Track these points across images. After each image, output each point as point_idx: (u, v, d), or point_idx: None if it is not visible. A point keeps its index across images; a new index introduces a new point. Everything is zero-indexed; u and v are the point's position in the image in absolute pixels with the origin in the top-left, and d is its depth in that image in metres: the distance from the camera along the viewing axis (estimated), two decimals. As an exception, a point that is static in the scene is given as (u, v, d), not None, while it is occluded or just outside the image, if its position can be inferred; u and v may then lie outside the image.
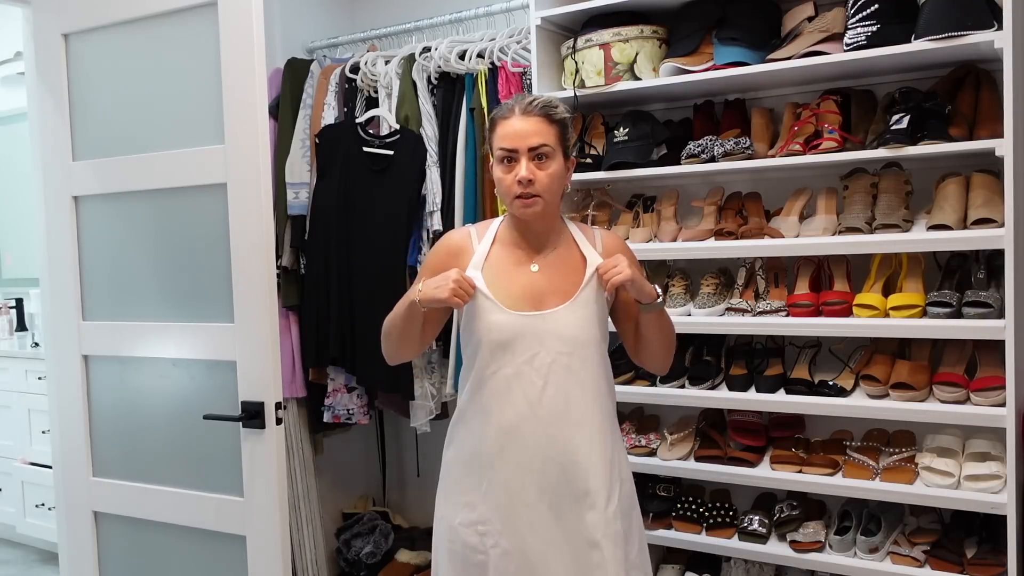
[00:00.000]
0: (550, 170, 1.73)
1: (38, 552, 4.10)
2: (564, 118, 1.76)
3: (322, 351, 2.94)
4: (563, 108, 1.77)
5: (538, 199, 1.73)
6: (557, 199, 1.78)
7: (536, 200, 1.73)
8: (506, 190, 1.75)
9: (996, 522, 2.08)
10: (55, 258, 2.46)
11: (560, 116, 1.75)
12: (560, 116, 1.75)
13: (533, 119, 1.72)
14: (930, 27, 2.03)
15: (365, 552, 3.12)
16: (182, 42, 2.21)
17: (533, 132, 1.72)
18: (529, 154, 1.72)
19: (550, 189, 1.74)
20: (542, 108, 1.73)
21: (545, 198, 1.74)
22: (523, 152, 1.71)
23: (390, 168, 2.85)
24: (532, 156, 1.72)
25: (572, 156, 1.79)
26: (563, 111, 1.77)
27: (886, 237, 2.15)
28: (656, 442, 2.53)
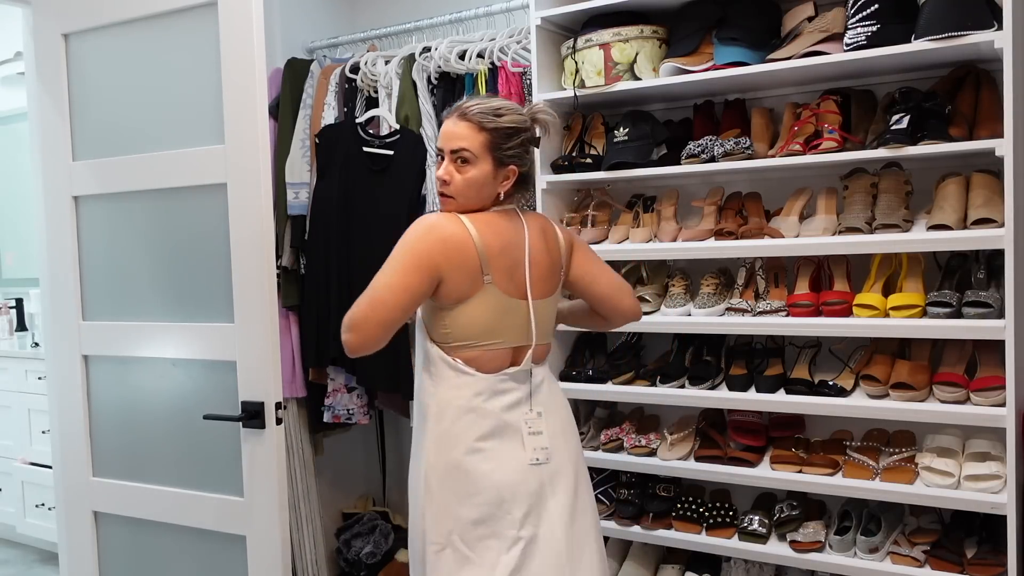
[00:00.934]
0: (468, 175, 1.76)
1: (38, 552, 4.10)
2: (500, 127, 1.75)
3: (322, 351, 2.94)
4: (509, 118, 1.77)
5: (451, 200, 1.80)
6: (473, 202, 1.79)
7: (448, 200, 1.81)
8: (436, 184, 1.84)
9: (996, 522, 2.08)
10: (55, 258, 2.46)
11: (494, 125, 1.75)
12: (494, 125, 1.75)
13: (464, 124, 1.77)
14: (930, 27, 2.03)
15: (365, 552, 3.12)
16: (182, 42, 2.21)
17: (459, 136, 1.76)
18: (451, 156, 1.78)
19: (464, 192, 1.78)
20: (476, 114, 1.76)
21: (458, 200, 1.79)
22: (447, 153, 1.79)
23: (390, 168, 2.85)
24: (453, 158, 1.77)
25: (511, 166, 1.78)
26: (503, 121, 1.76)
27: (886, 237, 2.15)
28: (656, 442, 2.53)
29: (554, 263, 1.86)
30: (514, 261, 1.79)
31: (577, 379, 2.60)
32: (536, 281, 1.81)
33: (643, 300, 2.49)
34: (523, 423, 1.79)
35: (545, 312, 1.85)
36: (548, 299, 1.87)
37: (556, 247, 1.87)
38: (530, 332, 1.80)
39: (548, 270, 1.85)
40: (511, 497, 1.74)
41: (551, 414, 1.85)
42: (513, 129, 1.77)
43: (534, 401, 1.82)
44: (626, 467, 2.53)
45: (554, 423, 1.84)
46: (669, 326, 2.47)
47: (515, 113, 1.79)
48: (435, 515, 1.76)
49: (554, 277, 1.87)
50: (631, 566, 2.58)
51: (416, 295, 1.71)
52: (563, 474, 1.82)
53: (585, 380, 2.59)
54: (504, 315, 1.78)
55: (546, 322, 1.87)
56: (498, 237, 1.77)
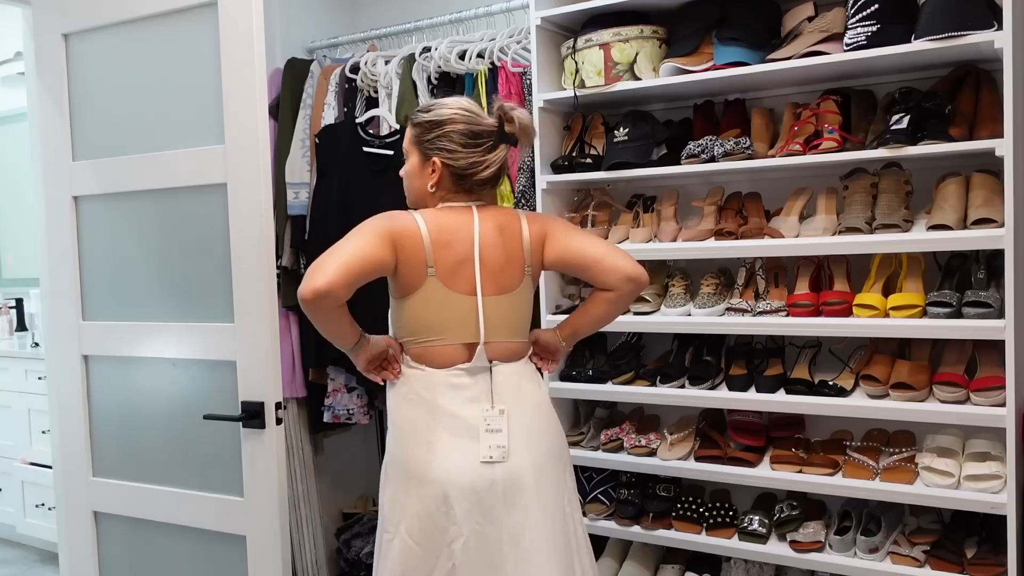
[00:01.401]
0: (404, 168, 1.88)
1: (38, 552, 4.10)
2: (421, 120, 1.81)
3: (322, 351, 2.94)
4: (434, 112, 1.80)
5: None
6: (414, 194, 1.88)
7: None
8: None
9: (996, 522, 2.08)
10: (55, 258, 2.46)
11: (417, 120, 1.82)
12: (417, 120, 1.82)
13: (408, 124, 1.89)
14: (930, 27, 2.03)
15: (365, 552, 3.11)
16: (182, 42, 2.21)
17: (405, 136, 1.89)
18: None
19: (405, 185, 1.90)
20: (413, 113, 1.87)
21: (406, 194, 1.91)
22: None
23: (390, 168, 2.84)
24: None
25: (434, 158, 1.79)
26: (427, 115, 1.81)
27: (886, 237, 2.15)
28: (656, 442, 2.53)
29: (513, 258, 1.80)
30: (461, 257, 1.77)
31: (577, 379, 2.60)
32: (489, 277, 1.78)
33: (643, 300, 2.50)
34: (482, 419, 1.75)
35: (503, 309, 1.80)
36: (508, 295, 1.80)
37: (517, 242, 1.81)
38: (477, 328, 1.77)
39: (504, 266, 1.79)
40: (456, 493, 1.72)
41: (518, 414, 1.78)
42: (433, 122, 1.79)
43: (496, 398, 1.77)
44: (626, 467, 2.53)
45: (519, 423, 1.78)
46: (669, 326, 2.47)
47: (446, 108, 1.80)
48: (390, 504, 1.78)
49: (513, 273, 1.81)
50: (631, 566, 2.58)
51: (374, 254, 1.71)
52: (521, 479, 1.75)
53: (585, 380, 2.59)
54: (447, 310, 1.76)
55: (505, 319, 1.80)
56: (444, 232, 1.76)
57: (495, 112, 1.81)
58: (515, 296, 1.82)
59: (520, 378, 1.83)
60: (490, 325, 1.78)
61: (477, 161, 1.78)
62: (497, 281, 1.79)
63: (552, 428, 1.86)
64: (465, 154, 1.77)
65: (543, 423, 1.83)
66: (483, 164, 1.79)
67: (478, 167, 1.79)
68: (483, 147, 1.79)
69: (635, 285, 1.83)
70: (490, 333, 1.78)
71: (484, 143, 1.79)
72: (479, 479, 1.72)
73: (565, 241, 1.84)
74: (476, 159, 1.78)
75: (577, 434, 2.67)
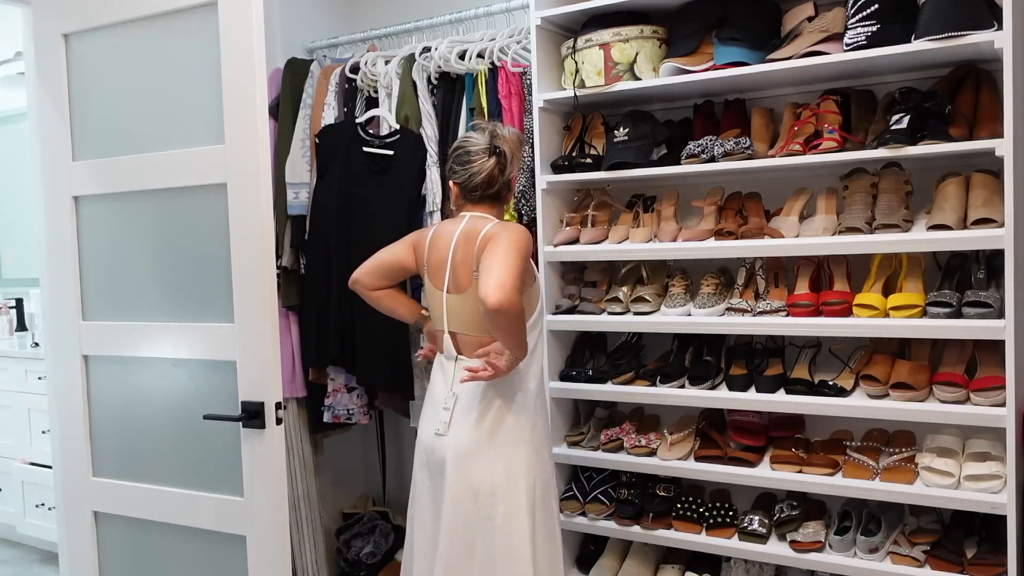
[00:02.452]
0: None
1: (38, 552, 4.10)
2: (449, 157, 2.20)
3: (322, 351, 2.94)
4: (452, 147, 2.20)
5: None
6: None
7: None
8: None
9: (996, 522, 2.08)
10: (55, 258, 2.46)
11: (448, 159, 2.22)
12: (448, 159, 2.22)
13: None
14: (930, 27, 2.03)
15: (365, 552, 3.12)
16: (182, 42, 2.21)
17: None
18: None
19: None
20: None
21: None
22: None
23: (390, 168, 2.85)
24: None
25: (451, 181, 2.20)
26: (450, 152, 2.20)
27: (886, 237, 2.15)
28: (656, 442, 2.53)
29: (467, 261, 2.09)
30: (442, 257, 2.13)
31: (577, 379, 2.60)
32: (453, 277, 2.11)
33: (643, 300, 2.50)
34: (441, 399, 2.13)
35: (458, 305, 2.11)
36: (462, 294, 2.10)
37: (471, 247, 2.07)
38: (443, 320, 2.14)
39: (461, 267, 2.10)
40: (420, 450, 2.19)
41: (467, 403, 2.09)
42: (449, 153, 2.21)
43: (454, 384, 2.11)
44: (626, 467, 2.53)
45: (463, 410, 2.09)
46: (669, 326, 2.48)
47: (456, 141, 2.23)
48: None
49: (467, 274, 2.09)
50: (631, 566, 2.58)
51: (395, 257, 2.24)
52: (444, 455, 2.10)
53: (585, 380, 2.59)
54: (433, 303, 2.17)
55: (463, 315, 2.10)
56: (438, 238, 2.17)
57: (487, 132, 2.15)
58: (467, 295, 2.08)
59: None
60: (451, 318, 2.13)
61: (472, 173, 2.13)
62: (456, 281, 2.11)
63: (485, 421, 2.07)
64: (463, 171, 2.14)
65: (478, 413, 2.08)
66: (475, 174, 2.12)
67: (472, 177, 2.13)
68: (477, 162, 2.12)
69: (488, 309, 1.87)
70: (452, 325, 2.13)
71: (478, 158, 2.12)
72: (428, 445, 2.15)
73: (485, 254, 1.99)
74: (472, 171, 2.13)
75: (577, 434, 2.67)
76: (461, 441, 2.08)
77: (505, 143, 2.14)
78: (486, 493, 2.05)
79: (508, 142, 2.15)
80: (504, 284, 1.86)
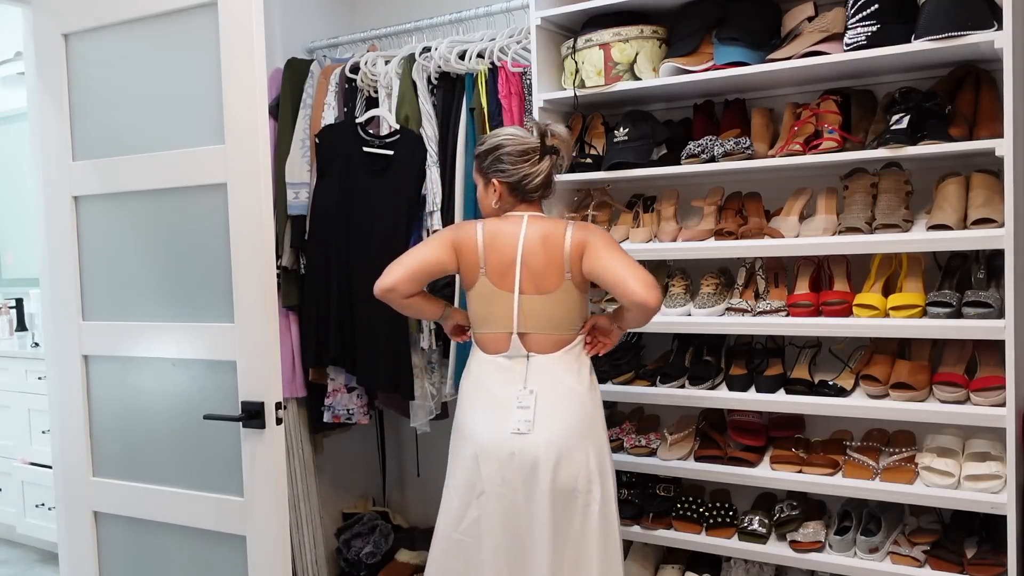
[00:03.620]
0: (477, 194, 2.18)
1: (38, 552, 4.10)
2: (480, 152, 2.12)
3: (322, 351, 2.94)
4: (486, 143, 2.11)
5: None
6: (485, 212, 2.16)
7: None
8: None
9: (996, 522, 2.08)
10: (55, 258, 2.46)
11: (477, 152, 2.14)
12: (477, 152, 2.14)
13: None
14: (930, 27, 2.03)
15: (365, 552, 3.12)
16: (182, 42, 2.21)
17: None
18: None
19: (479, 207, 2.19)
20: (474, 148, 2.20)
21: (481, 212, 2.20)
22: None
23: (390, 168, 2.85)
24: None
25: (493, 179, 2.10)
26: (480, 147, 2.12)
27: (886, 237, 2.15)
28: (656, 442, 2.53)
29: (553, 263, 2.03)
30: (506, 259, 2.05)
31: (577, 379, 2.59)
32: (529, 278, 2.03)
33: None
34: (514, 397, 2.03)
35: (540, 307, 2.04)
36: (546, 295, 2.04)
37: (558, 250, 2.03)
38: (512, 321, 2.04)
39: (543, 269, 2.04)
40: (483, 455, 2.04)
41: (546, 397, 2.02)
42: (487, 150, 2.10)
43: (529, 381, 2.04)
44: (626, 467, 2.53)
45: (544, 405, 2.02)
46: (669, 326, 2.47)
47: (495, 138, 2.11)
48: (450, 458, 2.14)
49: (552, 277, 2.04)
50: (631, 566, 2.58)
51: (434, 258, 2.07)
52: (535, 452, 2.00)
53: (585, 380, 2.58)
54: (494, 305, 2.06)
55: (539, 315, 2.05)
56: (496, 238, 2.07)
57: (536, 131, 2.09)
58: (554, 296, 2.04)
59: (557, 366, 2.06)
60: (527, 319, 2.04)
61: (528, 173, 2.06)
62: (537, 282, 2.04)
63: (577, 412, 2.05)
64: (515, 170, 2.06)
65: (567, 407, 2.04)
66: (533, 175, 2.07)
67: (528, 178, 2.07)
68: (530, 161, 2.06)
69: (643, 311, 1.98)
70: (527, 326, 2.04)
71: (530, 158, 2.06)
72: (501, 448, 2.02)
73: (596, 258, 2.02)
74: (526, 172, 2.06)
75: (577, 434, 2.66)
76: (556, 436, 2.00)
77: (561, 143, 2.10)
78: (584, 481, 2.02)
79: (564, 142, 2.11)
80: (652, 282, 1.96)
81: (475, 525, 2.05)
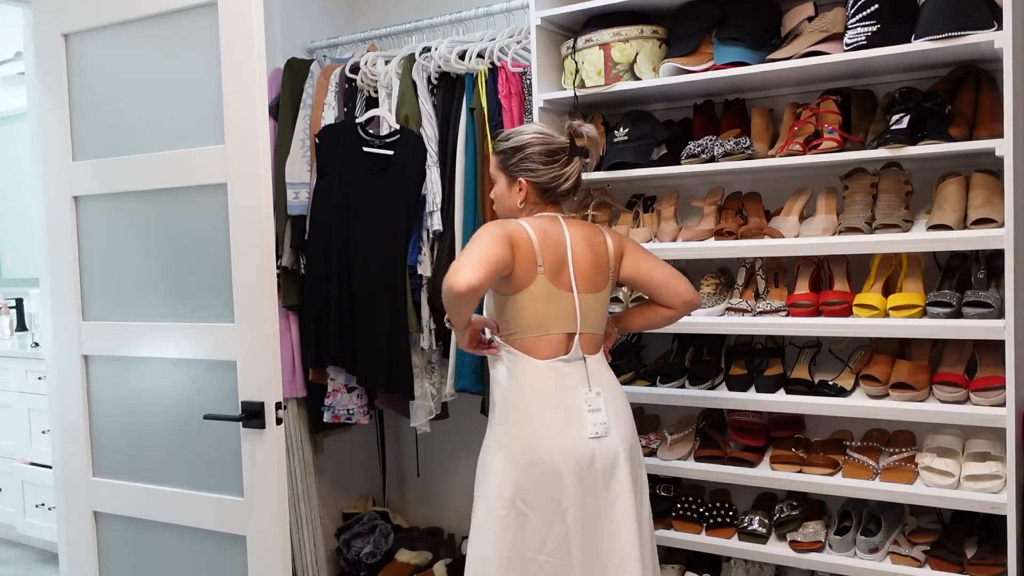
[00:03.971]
0: (494, 190, 2.09)
1: (38, 552, 4.10)
2: (503, 148, 2.03)
3: (322, 351, 2.94)
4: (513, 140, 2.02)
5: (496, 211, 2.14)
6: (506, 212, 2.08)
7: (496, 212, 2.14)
8: None
9: (996, 522, 2.08)
10: (55, 258, 2.46)
11: (500, 148, 2.04)
12: (500, 148, 2.04)
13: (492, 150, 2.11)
14: (930, 27, 2.03)
15: (365, 552, 3.12)
16: (182, 42, 2.21)
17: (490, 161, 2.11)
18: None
19: (496, 205, 2.11)
20: (495, 141, 2.09)
21: (497, 211, 2.12)
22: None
23: (390, 168, 2.85)
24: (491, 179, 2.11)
25: (519, 178, 2.01)
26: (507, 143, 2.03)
27: (886, 237, 2.15)
28: (656, 442, 2.53)
29: (600, 264, 2.03)
30: (560, 257, 1.98)
31: (577, 379, 2.59)
32: (581, 277, 2.00)
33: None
34: (583, 402, 1.96)
35: (591, 305, 2.01)
36: (595, 295, 2.02)
37: (604, 251, 2.04)
38: (575, 320, 1.98)
39: (592, 269, 2.02)
40: (566, 467, 1.91)
41: (608, 395, 2.01)
42: (514, 148, 2.01)
43: (592, 382, 1.99)
44: (626, 467, 2.53)
45: (612, 405, 2.00)
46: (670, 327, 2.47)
47: (523, 134, 2.02)
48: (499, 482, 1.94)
49: (600, 276, 2.03)
50: (631, 566, 2.57)
51: (503, 254, 1.88)
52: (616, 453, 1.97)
53: (585, 380, 2.58)
54: (553, 304, 1.97)
55: (593, 314, 2.02)
56: (546, 236, 1.98)
57: (566, 131, 2.03)
58: (600, 296, 2.04)
59: (603, 366, 2.06)
60: (585, 319, 2.00)
61: (557, 175, 2.01)
62: (588, 281, 2.01)
63: (627, 406, 2.08)
64: (546, 171, 2.00)
65: (622, 405, 2.06)
66: (563, 177, 2.01)
67: (559, 180, 2.01)
68: (559, 162, 2.01)
69: (691, 308, 2.10)
70: (585, 325, 2.00)
71: (560, 159, 2.00)
72: (583, 455, 1.93)
73: (638, 263, 2.08)
74: (556, 173, 2.01)
75: (577, 434, 2.66)
76: (627, 431, 2.02)
77: (591, 144, 2.05)
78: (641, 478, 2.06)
79: (594, 142, 2.06)
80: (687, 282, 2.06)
81: (564, 544, 1.91)
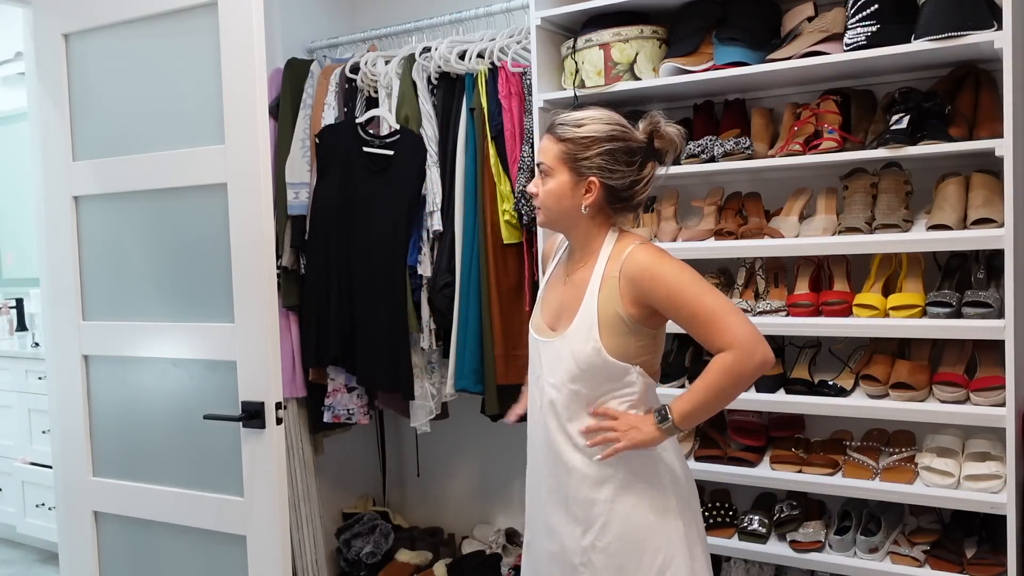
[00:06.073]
0: (547, 187, 1.72)
1: (38, 552, 4.10)
2: (576, 136, 1.67)
3: (322, 351, 2.94)
4: (589, 128, 1.67)
5: (539, 211, 1.77)
6: (561, 215, 1.73)
7: (538, 211, 1.78)
8: None
9: (996, 522, 2.08)
10: (55, 258, 2.46)
11: (571, 135, 1.68)
12: (571, 135, 1.68)
13: (547, 136, 1.73)
14: (930, 27, 2.03)
15: (365, 552, 3.12)
16: (182, 42, 2.21)
17: (542, 149, 1.74)
18: (538, 169, 1.76)
19: (547, 204, 1.74)
20: (558, 126, 1.71)
21: (544, 212, 1.76)
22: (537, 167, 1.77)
23: (390, 168, 2.85)
24: (539, 171, 1.75)
25: (591, 177, 1.67)
26: (582, 131, 1.67)
27: (886, 237, 2.15)
28: (656, 442, 2.53)
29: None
30: None
31: (577, 379, 2.59)
32: None
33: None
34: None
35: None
36: None
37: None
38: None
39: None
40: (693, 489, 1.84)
41: None
42: (592, 139, 1.67)
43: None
44: (626, 467, 2.53)
45: None
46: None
47: (600, 123, 1.68)
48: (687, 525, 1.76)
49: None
50: (631, 566, 2.57)
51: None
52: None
53: (585, 380, 2.58)
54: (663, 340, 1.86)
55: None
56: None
57: (645, 127, 1.72)
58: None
59: None
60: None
61: (636, 180, 1.70)
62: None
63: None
64: (624, 172, 1.68)
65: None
66: (642, 182, 1.70)
67: (638, 186, 1.70)
68: (635, 165, 1.69)
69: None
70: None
71: (636, 160, 1.69)
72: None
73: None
74: (635, 178, 1.70)
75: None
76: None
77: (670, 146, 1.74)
78: None
79: (672, 145, 1.74)
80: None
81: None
